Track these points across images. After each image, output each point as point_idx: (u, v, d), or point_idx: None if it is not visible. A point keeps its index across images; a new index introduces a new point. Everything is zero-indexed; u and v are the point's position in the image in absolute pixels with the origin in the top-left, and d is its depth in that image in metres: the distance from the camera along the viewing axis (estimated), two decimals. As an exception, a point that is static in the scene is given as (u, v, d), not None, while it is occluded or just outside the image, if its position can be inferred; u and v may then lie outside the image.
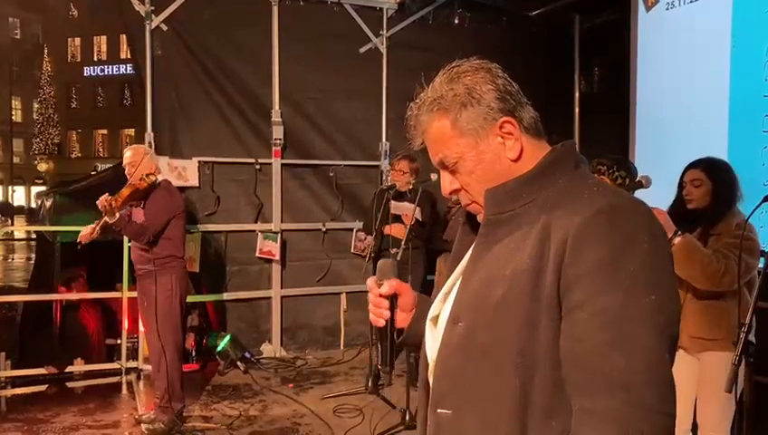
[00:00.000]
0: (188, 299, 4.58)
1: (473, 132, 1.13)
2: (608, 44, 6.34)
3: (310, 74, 5.74)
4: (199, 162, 5.44)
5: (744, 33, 4.37)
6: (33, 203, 25.84)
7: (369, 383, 4.72)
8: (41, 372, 5.01)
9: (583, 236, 1.00)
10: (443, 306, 1.22)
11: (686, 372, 2.79)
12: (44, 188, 24.03)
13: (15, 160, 37.22)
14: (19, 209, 32.60)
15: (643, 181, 2.86)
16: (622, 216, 1.03)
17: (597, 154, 3.25)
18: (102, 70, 40.74)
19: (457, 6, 6.19)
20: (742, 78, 4.36)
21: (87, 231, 3.93)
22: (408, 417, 4.02)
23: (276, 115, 5.67)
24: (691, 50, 4.82)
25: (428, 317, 1.26)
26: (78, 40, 41.40)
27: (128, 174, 4.01)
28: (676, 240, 2.61)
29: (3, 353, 5.00)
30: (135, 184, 3.90)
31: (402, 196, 4.80)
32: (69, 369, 5.12)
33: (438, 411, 1.14)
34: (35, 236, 8.44)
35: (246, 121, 5.65)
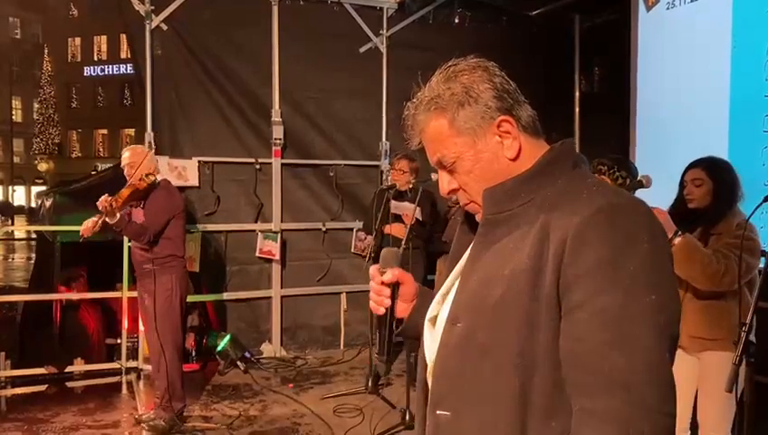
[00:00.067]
0: (188, 299, 4.57)
1: (470, 131, 1.12)
2: (608, 44, 6.34)
3: (310, 74, 5.73)
4: (199, 162, 5.44)
5: (745, 33, 4.37)
6: (34, 203, 25.84)
7: (369, 383, 4.72)
8: (41, 371, 5.01)
9: (583, 235, 1.00)
10: (441, 307, 1.22)
11: (686, 371, 2.78)
12: (45, 187, 24.05)
13: (16, 160, 37.24)
14: (19, 209, 32.61)
15: (643, 181, 2.86)
16: (622, 215, 1.02)
17: (597, 154, 3.25)
18: (102, 70, 40.77)
19: (457, 6, 6.19)
20: (742, 78, 4.35)
21: (89, 225, 3.91)
22: (408, 417, 4.02)
23: (276, 115, 5.66)
24: (691, 50, 4.81)
25: (427, 318, 1.25)
26: (78, 40, 41.43)
27: (127, 175, 4.00)
28: (676, 240, 2.60)
29: (3, 353, 5.00)
30: (135, 184, 3.91)
31: (402, 195, 4.80)
32: (69, 369, 5.11)
33: (437, 413, 1.14)
34: (35, 236, 8.44)
35: (246, 121, 5.65)
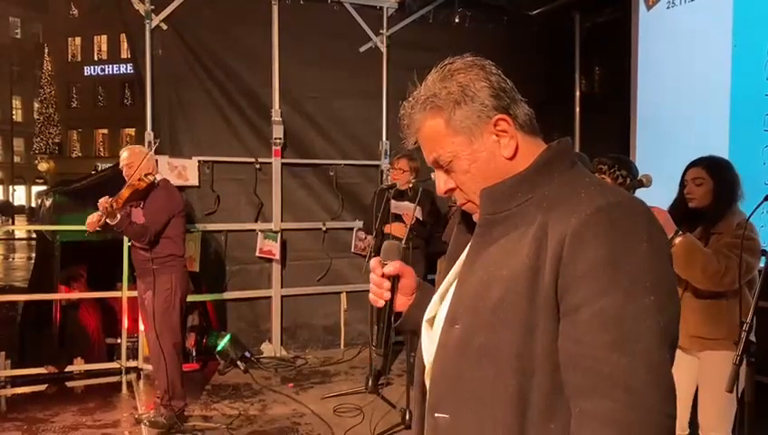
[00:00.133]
0: (189, 298, 4.58)
1: (467, 131, 1.11)
2: (608, 43, 6.33)
3: (310, 73, 5.73)
4: (199, 161, 5.43)
5: (745, 32, 4.36)
6: (34, 202, 25.84)
7: (369, 383, 4.71)
8: (41, 371, 5.00)
9: (581, 235, 0.98)
10: (439, 307, 1.21)
11: (686, 371, 2.78)
12: (45, 187, 24.04)
13: (16, 160, 37.26)
14: (20, 209, 32.63)
15: (644, 180, 2.86)
16: (620, 215, 1.00)
17: (597, 153, 3.24)
18: (103, 69, 40.78)
19: (458, 5, 6.17)
20: (743, 76, 4.35)
21: (94, 218, 3.89)
22: (408, 416, 4.01)
23: (276, 114, 5.66)
24: (692, 49, 4.81)
25: (425, 318, 1.24)
26: (78, 39, 41.45)
27: (126, 175, 4.00)
28: (676, 240, 2.60)
29: (3, 353, 5.00)
30: (134, 184, 3.90)
31: (402, 195, 4.79)
32: (69, 368, 5.11)
33: (436, 416, 1.13)
34: (35, 236, 8.43)
35: (246, 121, 5.65)
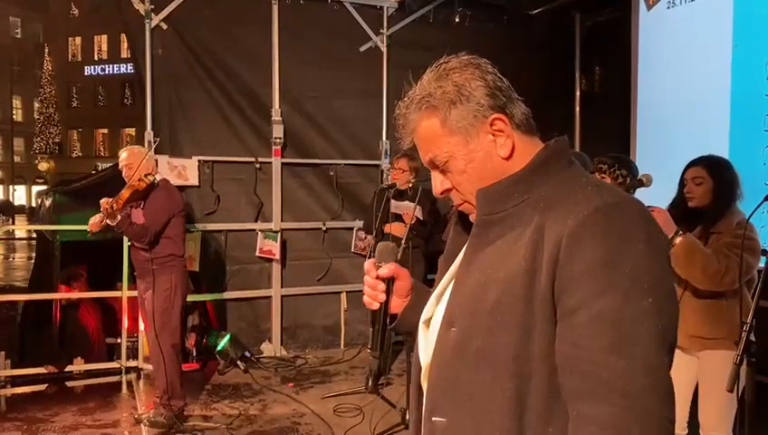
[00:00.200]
0: (188, 298, 4.57)
1: (463, 131, 1.10)
2: (609, 43, 6.33)
3: (310, 73, 5.72)
4: (199, 161, 5.43)
5: (746, 32, 4.36)
6: (34, 202, 25.87)
7: (369, 383, 4.71)
8: (41, 371, 5.00)
9: (577, 236, 0.97)
10: (436, 309, 1.20)
11: (685, 371, 2.78)
12: (45, 187, 24.06)
13: (16, 159, 37.29)
14: (20, 208, 32.64)
15: (644, 180, 2.86)
16: (618, 215, 0.99)
17: (598, 153, 3.24)
18: (103, 69, 40.78)
19: (458, 5, 6.17)
20: (743, 76, 4.35)
21: (96, 219, 3.89)
22: (408, 416, 4.00)
23: (276, 114, 5.65)
24: (692, 48, 4.81)
25: (421, 319, 1.23)
26: (78, 39, 41.45)
27: (125, 176, 3.99)
28: (677, 239, 2.60)
29: (3, 353, 4.99)
30: (134, 185, 3.89)
31: (402, 194, 4.79)
32: (69, 368, 5.11)
33: (433, 420, 1.11)
34: (36, 236, 8.43)
35: (246, 120, 5.64)
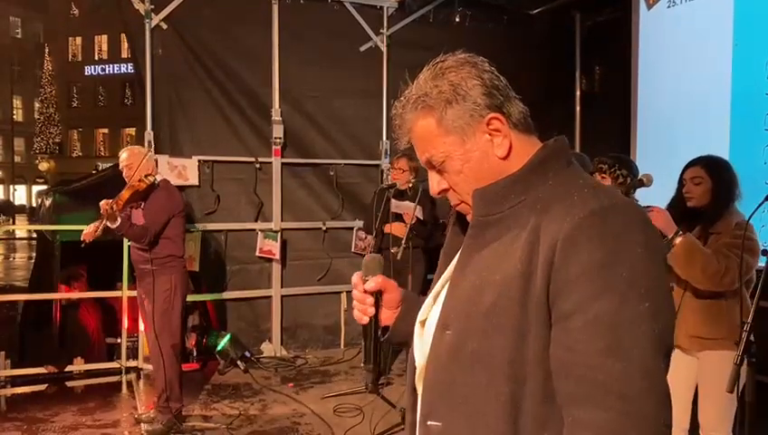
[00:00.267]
0: (189, 298, 4.57)
1: (459, 130, 1.08)
2: (609, 43, 6.33)
3: (310, 73, 5.72)
4: (199, 161, 5.42)
5: (746, 31, 4.35)
6: (34, 202, 25.87)
7: (369, 383, 4.71)
8: (41, 371, 5.00)
9: (573, 239, 0.96)
10: (431, 310, 1.18)
11: (685, 371, 2.78)
12: (45, 187, 24.06)
13: (17, 159, 37.30)
14: (20, 208, 32.66)
15: (644, 180, 2.85)
16: (614, 218, 0.98)
17: (598, 152, 3.25)
18: (103, 69, 40.79)
19: (458, 5, 6.16)
20: (744, 76, 4.34)
21: (90, 229, 3.89)
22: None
23: (276, 114, 5.65)
24: (692, 48, 4.80)
25: (417, 320, 1.22)
26: (79, 39, 41.47)
27: (125, 176, 3.98)
28: (677, 240, 2.59)
29: (3, 353, 4.99)
30: (134, 186, 3.88)
31: (402, 194, 4.79)
32: (69, 368, 5.11)
33: (428, 424, 1.11)
34: (36, 236, 8.44)
35: (246, 120, 5.64)
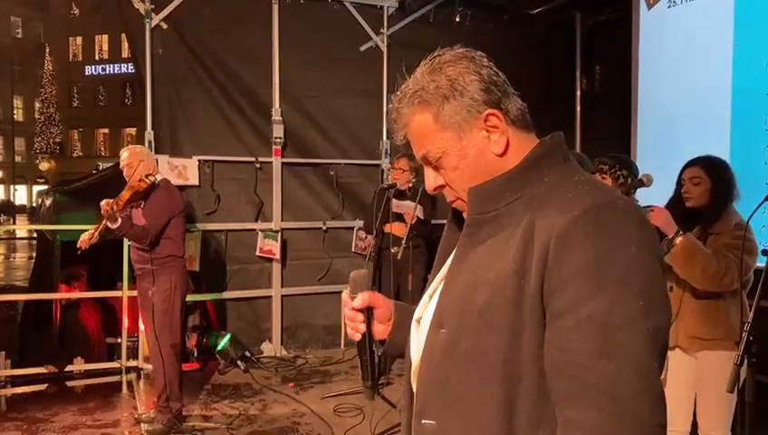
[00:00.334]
0: (189, 298, 4.57)
1: (456, 126, 1.07)
2: (609, 42, 6.32)
3: (310, 73, 5.72)
4: (199, 161, 5.42)
5: (747, 31, 4.35)
6: (35, 202, 25.87)
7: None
8: (41, 371, 5.00)
9: (567, 237, 0.95)
10: (427, 308, 1.18)
11: (684, 371, 2.78)
12: (46, 186, 24.08)
13: (17, 159, 37.34)
14: (21, 208, 32.67)
15: (644, 180, 2.85)
16: (609, 216, 0.96)
17: (598, 152, 3.24)
18: (104, 69, 40.80)
19: (458, 4, 6.16)
20: (744, 75, 4.34)
21: (86, 237, 3.89)
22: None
23: (276, 114, 5.64)
24: (693, 48, 4.80)
25: (414, 318, 1.22)
26: (79, 39, 41.48)
27: (126, 175, 3.98)
28: (677, 240, 2.59)
29: (3, 353, 4.99)
30: (135, 186, 3.88)
31: (403, 194, 4.80)
32: (69, 368, 5.11)
33: (423, 422, 1.10)
34: (36, 235, 8.44)
35: (246, 120, 5.64)
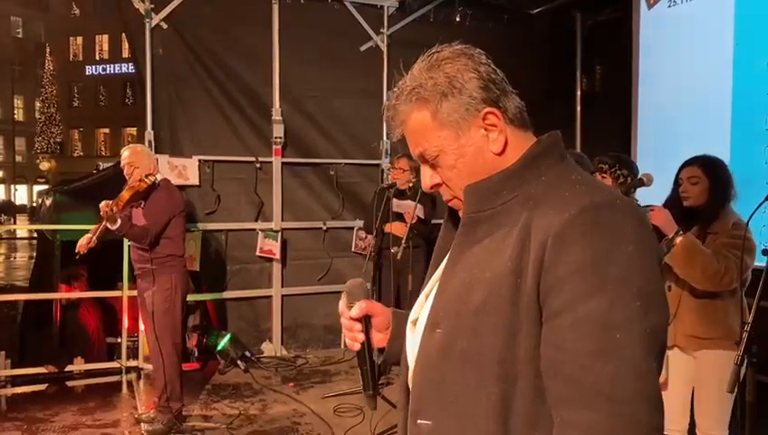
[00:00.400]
0: (189, 298, 4.57)
1: (454, 124, 1.06)
2: (610, 42, 6.32)
3: (310, 72, 5.71)
4: (199, 161, 5.42)
5: (747, 31, 4.35)
6: (35, 202, 25.88)
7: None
8: (41, 370, 5.00)
9: (564, 237, 0.94)
10: (423, 308, 1.17)
11: (683, 371, 2.78)
12: (46, 186, 24.09)
13: (18, 159, 37.35)
14: (21, 208, 32.67)
15: (644, 179, 2.85)
16: (606, 215, 0.95)
17: (598, 152, 3.24)
18: (104, 69, 40.82)
19: (458, 4, 6.16)
20: (744, 75, 4.34)
21: (84, 241, 3.87)
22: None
23: (277, 113, 5.64)
24: (693, 47, 4.80)
25: (410, 319, 1.21)
26: (80, 39, 41.51)
27: (126, 174, 3.98)
28: (677, 239, 2.59)
29: (3, 352, 4.99)
30: (135, 186, 3.87)
31: (403, 194, 4.80)
32: (69, 368, 5.11)
33: (418, 422, 1.09)
34: (36, 235, 8.44)
35: (247, 120, 5.64)
